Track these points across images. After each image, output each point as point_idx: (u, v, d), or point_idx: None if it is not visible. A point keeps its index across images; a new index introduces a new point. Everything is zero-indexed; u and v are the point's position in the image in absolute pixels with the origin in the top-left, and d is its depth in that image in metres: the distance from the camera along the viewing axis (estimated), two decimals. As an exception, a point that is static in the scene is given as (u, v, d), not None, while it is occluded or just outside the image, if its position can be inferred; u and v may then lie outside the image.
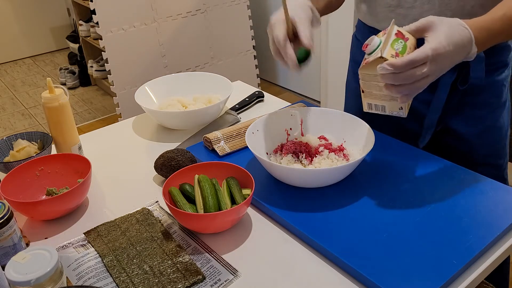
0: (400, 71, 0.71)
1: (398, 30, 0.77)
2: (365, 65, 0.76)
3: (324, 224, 0.79)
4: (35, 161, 0.93)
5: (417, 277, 0.68)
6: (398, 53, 0.74)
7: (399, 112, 0.80)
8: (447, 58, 0.74)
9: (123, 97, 2.45)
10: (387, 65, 0.71)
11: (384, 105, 0.80)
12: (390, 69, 0.71)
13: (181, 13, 2.52)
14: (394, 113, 0.80)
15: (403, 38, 0.75)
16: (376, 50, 0.75)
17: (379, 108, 0.81)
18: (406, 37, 0.76)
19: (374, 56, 0.74)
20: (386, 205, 0.83)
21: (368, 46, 0.76)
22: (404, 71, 0.71)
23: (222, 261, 0.75)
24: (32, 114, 3.33)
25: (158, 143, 1.13)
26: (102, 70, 3.43)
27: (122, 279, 0.72)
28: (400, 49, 0.74)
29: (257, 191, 0.87)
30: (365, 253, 0.72)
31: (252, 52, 2.88)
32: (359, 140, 0.93)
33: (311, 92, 3.18)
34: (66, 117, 0.99)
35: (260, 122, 0.98)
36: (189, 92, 1.26)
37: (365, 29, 1.09)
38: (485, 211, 0.80)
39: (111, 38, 2.34)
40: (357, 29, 1.15)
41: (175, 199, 0.83)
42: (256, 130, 0.96)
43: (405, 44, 0.75)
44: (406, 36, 0.76)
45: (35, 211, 0.84)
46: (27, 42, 4.27)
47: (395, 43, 0.75)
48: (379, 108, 0.81)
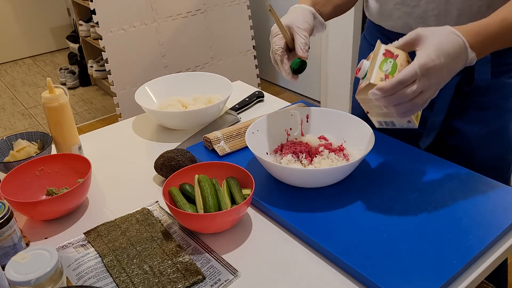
0: (391, 94, 0.71)
1: (385, 49, 0.75)
2: (359, 91, 0.77)
3: (324, 224, 0.79)
4: (35, 161, 0.93)
5: (417, 277, 0.68)
6: (387, 75, 0.73)
7: (409, 125, 0.79)
8: (440, 71, 0.71)
9: (123, 97, 2.45)
10: (377, 90, 0.71)
11: (392, 121, 0.79)
12: (379, 94, 0.71)
13: (181, 13, 2.52)
14: (405, 125, 0.79)
15: (392, 56, 0.74)
16: (366, 76, 0.75)
17: (389, 124, 0.81)
18: (396, 54, 0.74)
19: (364, 83, 0.74)
20: (386, 205, 0.83)
21: (359, 71, 0.76)
22: (394, 92, 0.71)
23: (222, 261, 0.75)
24: (32, 114, 3.33)
25: (158, 143, 1.13)
26: (102, 70, 3.43)
27: (122, 279, 0.72)
28: (389, 69, 0.73)
29: (257, 191, 0.87)
30: (365, 253, 0.72)
31: (252, 52, 2.88)
32: (359, 140, 0.93)
33: (311, 92, 3.18)
34: (66, 117, 0.99)
35: (260, 122, 0.98)
36: (189, 92, 1.26)
37: (373, 28, 1.08)
38: (485, 211, 0.80)
39: (111, 38, 2.34)
40: (366, 28, 1.14)
41: (175, 199, 0.83)
42: (256, 130, 0.96)
43: (395, 62, 0.74)
44: (395, 54, 0.74)
45: (35, 211, 0.84)
46: (27, 42, 4.27)
47: (383, 64, 0.73)
48: (389, 124, 0.81)
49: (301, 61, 0.86)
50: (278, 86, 3.45)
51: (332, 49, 2.84)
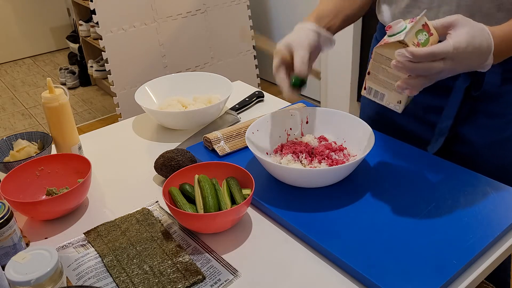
0: (418, 61, 0.70)
1: (426, 22, 0.74)
2: (382, 45, 0.74)
3: (324, 224, 0.79)
4: (35, 161, 0.93)
5: (417, 277, 0.68)
6: (419, 43, 0.71)
7: (395, 106, 0.77)
8: (464, 60, 0.73)
9: (123, 97, 2.45)
10: (407, 51, 0.69)
11: (384, 94, 0.77)
12: (409, 56, 0.70)
13: (181, 13, 2.52)
14: (391, 105, 0.78)
15: (428, 31, 0.73)
16: (398, 34, 0.72)
17: (377, 96, 0.79)
18: (431, 32, 0.74)
19: (395, 39, 0.71)
20: (386, 205, 0.82)
21: (391, 27, 0.73)
22: (422, 61, 0.70)
23: (222, 261, 0.75)
24: (32, 114, 3.33)
25: (158, 143, 1.13)
26: (102, 70, 3.43)
27: (122, 279, 0.72)
28: (422, 40, 0.72)
29: (257, 191, 0.87)
30: (365, 253, 0.72)
31: (252, 52, 2.88)
32: (360, 140, 0.93)
33: (311, 92, 3.19)
34: (66, 117, 0.99)
35: (260, 122, 0.98)
36: (189, 92, 1.26)
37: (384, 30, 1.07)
38: (485, 211, 0.80)
39: (111, 38, 2.34)
40: (378, 30, 1.14)
41: (175, 199, 0.83)
42: (256, 130, 0.96)
43: (428, 38, 0.73)
44: (431, 31, 0.74)
45: (35, 211, 0.84)
46: (27, 42, 4.27)
47: (419, 33, 0.72)
48: (378, 95, 0.79)
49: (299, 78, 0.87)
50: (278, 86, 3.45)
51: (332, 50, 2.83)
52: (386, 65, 0.75)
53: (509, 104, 0.97)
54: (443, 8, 0.91)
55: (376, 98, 0.79)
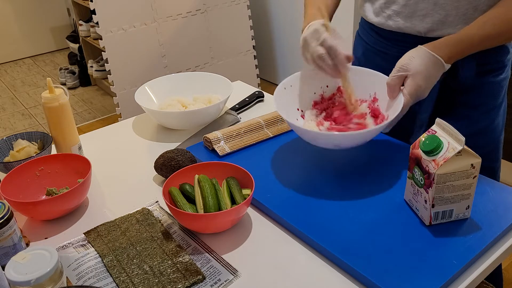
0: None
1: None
2: (443, 165, 0.72)
3: (324, 224, 0.79)
4: (35, 161, 0.93)
5: (417, 277, 0.68)
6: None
7: (464, 213, 0.78)
8: (426, 89, 0.88)
9: (123, 97, 2.45)
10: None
11: (452, 209, 0.77)
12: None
13: (181, 13, 2.52)
14: (460, 215, 0.78)
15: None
16: (441, 151, 0.74)
17: (445, 216, 0.77)
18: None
19: (451, 153, 0.72)
20: (386, 205, 0.82)
21: (421, 143, 0.78)
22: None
23: (222, 261, 0.75)
24: (32, 114, 3.33)
25: (158, 143, 1.13)
26: (102, 70, 3.42)
27: (122, 279, 0.72)
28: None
29: (257, 191, 0.87)
30: (365, 253, 0.72)
31: (252, 52, 2.88)
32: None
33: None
34: (66, 117, 0.99)
35: (294, 77, 1.00)
36: (189, 92, 1.26)
37: (366, 26, 1.11)
38: (485, 211, 0.80)
39: (111, 38, 2.34)
40: (360, 26, 1.16)
41: (175, 199, 0.83)
42: (289, 85, 0.99)
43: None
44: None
45: (35, 211, 0.84)
46: (27, 42, 4.27)
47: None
48: (445, 215, 0.77)
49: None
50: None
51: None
52: (451, 181, 0.74)
53: (484, 94, 1.02)
54: (420, 5, 0.95)
55: (444, 218, 0.78)
